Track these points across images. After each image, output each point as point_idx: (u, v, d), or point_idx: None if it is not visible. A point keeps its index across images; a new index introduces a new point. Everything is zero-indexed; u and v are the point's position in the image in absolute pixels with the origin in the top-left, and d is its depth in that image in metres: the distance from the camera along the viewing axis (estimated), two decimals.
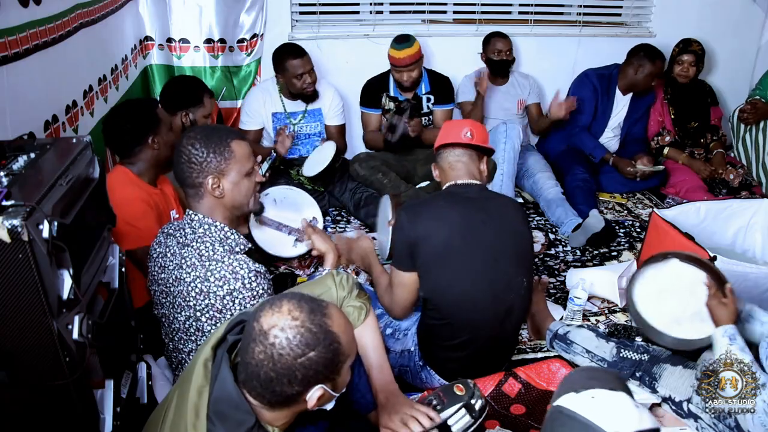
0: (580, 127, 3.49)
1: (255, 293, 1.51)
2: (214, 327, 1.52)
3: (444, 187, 1.91)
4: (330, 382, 1.11)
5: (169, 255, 1.60)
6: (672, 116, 3.57)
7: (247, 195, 1.62)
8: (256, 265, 1.54)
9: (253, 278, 1.50)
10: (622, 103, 3.52)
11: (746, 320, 1.86)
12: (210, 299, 1.51)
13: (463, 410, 1.40)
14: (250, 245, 1.63)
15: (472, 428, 1.41)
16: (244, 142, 1.61)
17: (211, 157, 1.54)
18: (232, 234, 1.59)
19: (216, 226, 1.57)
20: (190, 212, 1.59)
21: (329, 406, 1.15)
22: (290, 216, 2.48)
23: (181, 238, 1.58)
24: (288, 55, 3.00)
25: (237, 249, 1.57)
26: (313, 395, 1.10)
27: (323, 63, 3.38)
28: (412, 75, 3.15)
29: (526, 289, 1.87)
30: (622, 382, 1.07)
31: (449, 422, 1.40)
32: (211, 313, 1.52)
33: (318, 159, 3.04)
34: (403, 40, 3.11)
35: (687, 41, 3.46)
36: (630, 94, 3.50)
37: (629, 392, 1.05)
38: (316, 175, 2.98)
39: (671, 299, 1.94)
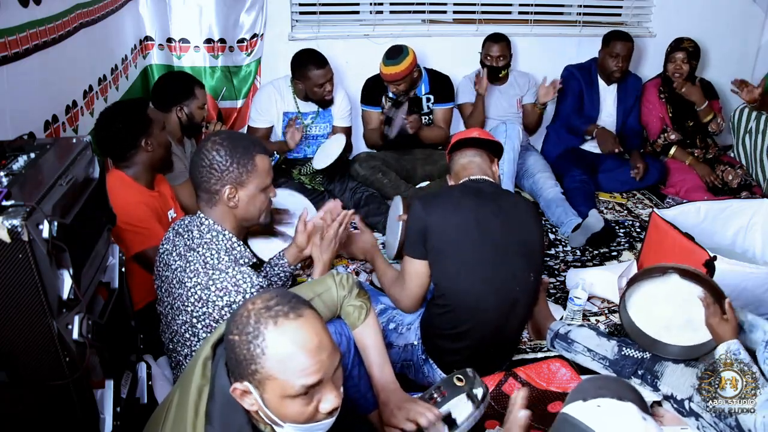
0: (568, 113, 3.54)
1: None
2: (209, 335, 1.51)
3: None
4: None
5: (175, 254, 1.59)
6: (670, 114, 3.57)
7: (260, 209, 1.62)
8: (261, 279, 1.52)
9: (256, 293, 1.48)
10: (608, 94, 3.55)
11: (749, 330, 1.85)
12: (208, 308, 1.49)
13: (466, 400, 1.40)
14: (255, 260, 1.62)
15: (476, 416, 1.41)
16: (266, 157, 1.60)
17: (233, 167, 1.53)
18: (238, 245, 1.58)
19: (224, 235, 1.56)
20: (201, 215, 1.58)
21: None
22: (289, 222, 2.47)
23: (188, 240, 1.57)
24: (311, 64, 3.01)
25: (241, 261, 1.56)
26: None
27: None
28: (399, 88, 3.17)
29: (532, 285, 1.90)
30: (634, 391, 1.05)
31: (453, 414, 1.40)
32: (207, 321, 1.51)
33: (328, 152, 3.05)
34: (393, 55, 3.10)
35: (679, 39, 3.47)
36: (615, 85, 3.53)
37: (642, 403, 1.03)
38: (326, 168, 2.99)
39: (664, 308, 1.94)
